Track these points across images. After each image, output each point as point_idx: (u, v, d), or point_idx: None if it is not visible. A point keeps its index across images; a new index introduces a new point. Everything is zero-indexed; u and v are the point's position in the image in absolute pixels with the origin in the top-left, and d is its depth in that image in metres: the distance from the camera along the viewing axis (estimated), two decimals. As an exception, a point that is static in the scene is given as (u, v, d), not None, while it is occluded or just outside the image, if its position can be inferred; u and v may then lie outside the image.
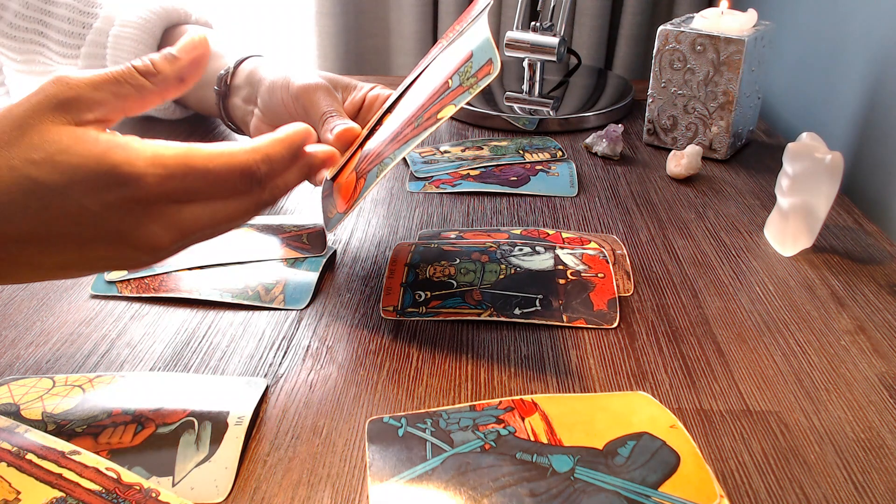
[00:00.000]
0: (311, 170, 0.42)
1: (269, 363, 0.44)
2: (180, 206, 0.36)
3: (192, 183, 0.35)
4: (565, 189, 0.67)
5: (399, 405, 0.41)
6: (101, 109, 0.36)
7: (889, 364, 0.45)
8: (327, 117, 0.53)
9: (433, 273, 0.52)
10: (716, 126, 0.73)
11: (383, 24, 1.17)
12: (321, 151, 0.43)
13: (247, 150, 0.37)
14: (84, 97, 0.35)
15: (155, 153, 0.35)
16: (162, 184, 0.34)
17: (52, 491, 0.33)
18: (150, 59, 0.38)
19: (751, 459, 0.38)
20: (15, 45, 0.74)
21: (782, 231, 0.57)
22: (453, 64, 0.43)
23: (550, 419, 0.39)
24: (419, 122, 0.42)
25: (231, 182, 0.37)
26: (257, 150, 0.38)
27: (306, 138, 0.41)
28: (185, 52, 0.39)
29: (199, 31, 0.40)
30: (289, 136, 0.40)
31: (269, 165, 0.38)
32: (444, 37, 0.52)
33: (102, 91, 0.36)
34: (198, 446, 0.37)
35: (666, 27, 0.72)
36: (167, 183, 0.34)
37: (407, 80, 0.52)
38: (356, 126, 0.52)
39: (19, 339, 0.46)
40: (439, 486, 0.34)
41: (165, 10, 0.74)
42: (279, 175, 0.39)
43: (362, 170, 0.45)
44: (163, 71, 0.38)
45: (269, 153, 0.38)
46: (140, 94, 0.37)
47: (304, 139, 0.41)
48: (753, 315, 0.49)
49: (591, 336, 0.47)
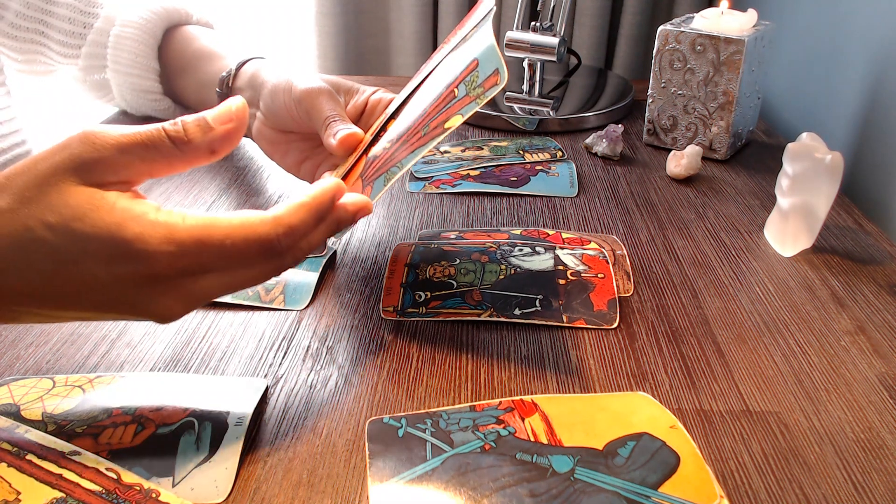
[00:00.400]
0: (340, 224, 0.40)
1: (269, 363, 0.44)
2: (195, 279, 0.34)
3: (208, 259, 0.34)
4: (565, 189, 0.67)
5: (399, 405, 0.41)
6: (125, 172, 0.34)
7: (889, 364, 0.45)
8: (330, 122, 0.53)
9: (433, 273, 0.52)
10: (716, 126, 0.73)
11: (383, 24, 1.17)
12: (352, 203, 0.40)
13: (267, 222, 0.35)
14: (109, 159, 0.34)
15: (169, 229, 0.33)
16: (175, 262, 0.33)
17: (52, 491, 0.33)
18: (182, 123, 0.36)
19: (751, 460, 0.38)
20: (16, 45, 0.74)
21: (782, 231, 0.57)
22: (458, 72, 0.43)
23: (550, 419, 0.39)
24: (426, 130, 0.42)
25: (250, 255, 0.35)
26: (279, 222, 0.35)
27: (336, 197, 0.39)
28: (221, 121, 0.37)
29: (238, 100, 0.37)
30: (315, 199, 0.38)
31: (291, 237, 0.36)
32: (446, 40, 0.52)
33: (129, 154, 0.34)
34: (198, 447, 0.37)
35: (666, 27, 0.72)
36: (180, 260, 0.33)
37: (411, 85, 0.52)
38: (359, 131, 0.52)
39: (19, 339, 0.46)
40: (439, 486, 0.34)
41: (166, 10, 0.74)
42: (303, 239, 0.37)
43: (368, 177, 0.45)
44: (194, 140, 0.36)
45: (291, 223, 0.36)
46: (168, 161, 0.36)
47: (332, 199, 0.38)
48: (753, 315, 0.49)
49: (591, 336, 0.47)
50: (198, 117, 0.36)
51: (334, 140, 0.51)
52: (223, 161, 0.73)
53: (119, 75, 0.74)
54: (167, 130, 0.35)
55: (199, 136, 0.36)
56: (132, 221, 0.33)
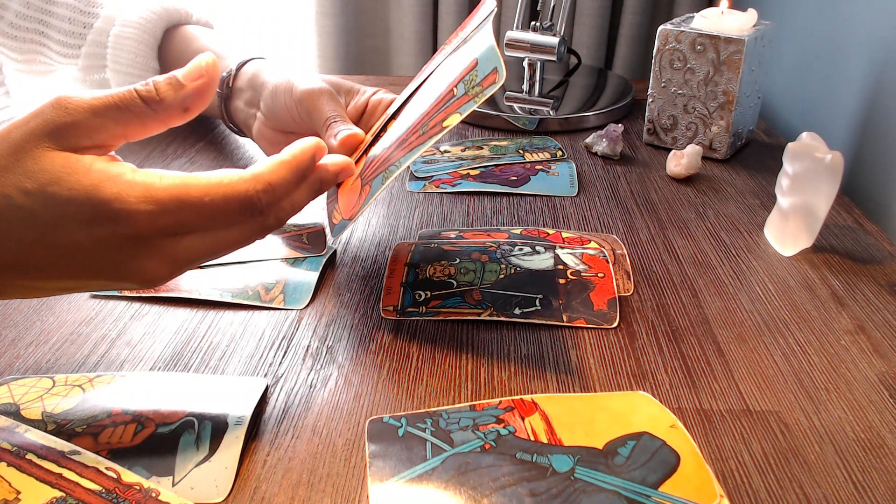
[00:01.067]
0: (323, 185, 0.40)
1: (269, 363, 0.44)
2: (176, 239, 0.34)
3: (188, 217, 0.34)
4: (565, 189, 0.67)
5: (399, 405, 0.41)
6: (99, 135, 0.34)
7: (889, 364, 0.45)
8: (331, 122, 0.53)
9: (433, 273, 0.52)
10: (716, 126, 0.73)
11: (383, 24, 1.17)
12: (333, 164, 0.41)
13: (246, 180, 0.35)
14: (82, 123, 0.34)
15: (147, 188, 0.33)
16: (154, 220, 0.33)
17: (52, 491, 0.33)
18: (154, 83, 0.36)
19: (751, 459, 0.38)
20: (16, 45, 0.74)
21: (782, 231, 0.57)
22: (458, 71, 0.43)
23: (550, 419, 0.39)
24: (424, 129, 0.42)
25: (230, 213, 0.35)
26: (258, 179, 0.36)
27: (316, 155, 0.39)
28: (191, 78, 0.37)
29: (207, 56, 0.37)
30: (295, 157, 0.38)
31: (271, 194, 0.36)
32: (447, 41, 0.52)
33: (102, 117, 0.34)
34: (198, 446, 0.37)
35: (666, 27, 0.72)
36: (160, 219, 0.33)
37: (411, 86, 0.52)
38: (360, 131, 0.52)
39: (19, 339, 0.46)
40: (439, 485, 0.34)
41: (166, 10, 0.74)
42: (285, 198, 0.38)
43: (367, 176, 0.45)
44: (166, 98, 0.36)
45: (271, 181, 0.36)
46: (141, 122, 0.36)
47: (312, 158, 0.39)
48: (753, 315, 0.49)
49: (591, 336, 0.47)
50: (168, 76, 0.36)
51: (335, 140, 0.51)
52: (225, 163, 0.73)
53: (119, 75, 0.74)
54: (139, 91, 0.35)
55: (171, 94, 0.36)
56: (109, 182, 0.33)
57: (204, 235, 0.35)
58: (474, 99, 0.40)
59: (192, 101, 0.37)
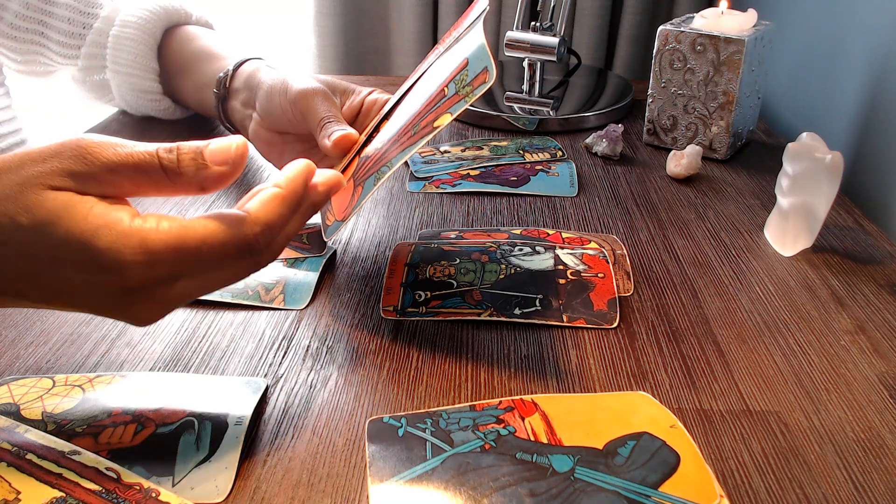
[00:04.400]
0: (315, 208, 0.39)
1: (269, 363, 0.44)
2: (170, 286, 0.34)
3: (183, 266, 0.33)
4: (565, 189, 0.67)
5: (399, 405, 0.41)
6: (111, 189, 0.34)
7: (889, 364, 0.45)
8: (325, 123, 0.53)
9: (433, 273, 0.52)
10: (716, 126, 0.73)
11: (383, 24, 1.17)
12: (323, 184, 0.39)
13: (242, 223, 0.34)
14: (98, 176, 0.33)
15: (143, 239, 0.32)
16: (149, 272, 0.32)
17: (52, 491, 0.33)
18: (178, 152, 0.35)
19: (751, 459, 0.38)
20: (15, 46, 0.74)
21: (782, 231, 0.57)
22: (449, 71, 0.43)
23: (550, 419, 0.39)
24: (416, 129, 0.42)
25: (226, 258, 0.34)
26: (256, 221, 0.35)
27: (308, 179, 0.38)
28: (216, 161, 0.35)
29: (239, 140, 0.36)
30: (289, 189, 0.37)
31: (268, 234, 0.35)
32: (441, 41, 0.52)
33: (119, 175, 0.34)
34: (198, 446, 0.37)
35: (666, 27, 0.72)
36: (155, 270, 0.33)
37: (404, 86, 0.52)
38: (354, 132, 0.52)
39: (19, 339, 0.46)
40: (439, 486, 0.34)
41: (165, 10, 0.74)
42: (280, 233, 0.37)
43: (359, 177, 0.45)
44: (186, 173, 0.35)
45: (268, 221, 0.35)
46: (156, 187, 0.35)
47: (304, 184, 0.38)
48: (753, 315, 0.49)
49: (591, 336, 0.47)
50: (195, 148, 0.35)
51: (329, 141, 0.51)
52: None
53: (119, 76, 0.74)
54: (161, 158, 0.34)
55: (192, 171, 0.35)
56: (105, 229, 0.32)
57: (196, 279, 0.35)
58: (465, 98, 0.40)
59: (210, 184, 0.35)
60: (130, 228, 0.32)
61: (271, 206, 0.36)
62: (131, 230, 0.32)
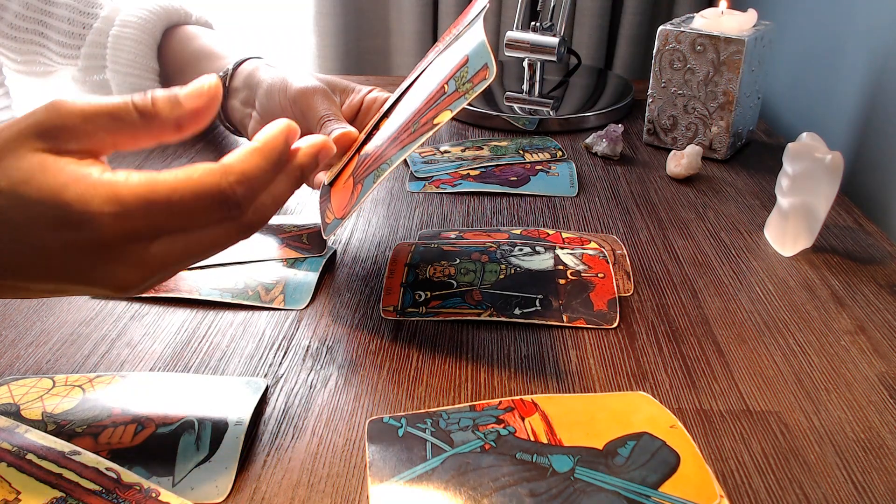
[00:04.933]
0: (304, 172, 0.38)
1: (269, 363, 0.44)
2: (147, 244, 0.33)
3: (156, 219, 0.32)
4: (565, 189, 0.67)
5: (399, 405, 0.41)
6: (88, 141, 0.33)
7: (889, 364, 0.45)
8: (325, 121, 0.53)
9: (433, 273, 0.52)
10: (716, 126, 0.73)
11: (383, 24, 1.17)
12: (309, 146, 0.38)
13: (216, 172, 0.33)
14: (72, 126, 0.33)
15: (112, 188, 0.31)
16: (119, 224, 0.31)
17: (52, 491, 0.33)
18: (153, 96, 0.34)
19: (751, 459, 0.38)
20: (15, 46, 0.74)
21: (782, 231, 0.57)
22: (449, 68, 0.43)
23: (550, 419, 0.39)
24: (416, 127, 0.42)
25: (202, 211, 0.33)
26: (229, 171, 0.33)
27: (288, 137, 0.37)
28: (191, 98, 0.35)
29: (211, 77, 0.36)
30: (266, 142, 0.35)
31: (245, 185, 0.34)
32: (440, 40, 0.52)
33: (93, 123, 0.33)
34: (198, 446, 0.37)
35: (666, 27, 0.72)
36: (125, 223, 0.31)
37: (404, 84, 0.52)
38: (354, 130, 0.52)
39: (19, 339, 0.46)
40: (439, 486, 0.34)
41: (165, 10, 0.74)
42: (263, 190, 0.35)
43: (359, 175, 0.45)
44: (161, 114, 0.34)
45: (244, 170, 0.34)
46: (133, 133, 0.34)
47: (285, 141, 0.36)
48: (753, 315, 0.49)
49: (591, 336, 0.47)
50: (168, 92, 0.35)
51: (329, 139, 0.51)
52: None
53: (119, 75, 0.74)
54: (135, 102, 0.34)
55: (167, 111, 0.34)
56: (74, 183, 0.31)
57: (176, 238, 0.33)
58: (465, 95, 0.40)
59: (187, 121, 0.35)
60: (99, 181, 0.32)
61: (246, 156, 0.35)
62: (100, 182, 0.32)
